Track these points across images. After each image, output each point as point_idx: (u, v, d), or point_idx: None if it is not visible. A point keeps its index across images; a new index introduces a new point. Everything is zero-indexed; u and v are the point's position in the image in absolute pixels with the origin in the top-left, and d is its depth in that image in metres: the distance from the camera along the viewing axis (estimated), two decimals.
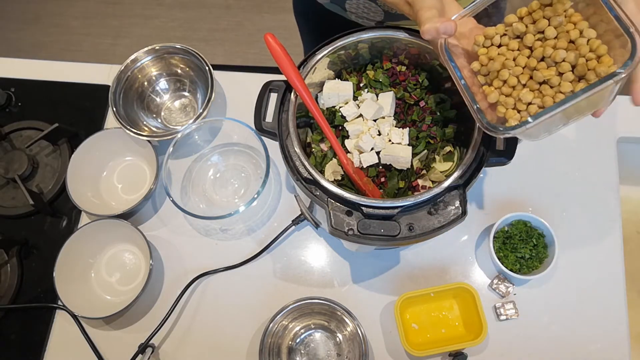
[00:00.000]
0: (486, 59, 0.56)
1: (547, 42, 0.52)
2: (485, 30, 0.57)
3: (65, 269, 0.82)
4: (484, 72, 0.56)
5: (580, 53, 0.50)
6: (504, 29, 0.56)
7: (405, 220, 0.61)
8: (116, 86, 0.92)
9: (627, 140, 0.90)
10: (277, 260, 0.86)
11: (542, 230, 0.80)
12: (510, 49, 0.55)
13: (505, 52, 0.55)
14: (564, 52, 0.50)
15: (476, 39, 0.57)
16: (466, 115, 0.68)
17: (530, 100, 0.52)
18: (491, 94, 0.54)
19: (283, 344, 0.80)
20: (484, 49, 0.56)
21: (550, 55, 0.51)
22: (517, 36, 0.55)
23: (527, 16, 0.54)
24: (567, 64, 0.50)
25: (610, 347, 0.78)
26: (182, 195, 0.88)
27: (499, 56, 0.55)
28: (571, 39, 0.51)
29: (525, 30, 0.54)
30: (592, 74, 0.50)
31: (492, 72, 0.55)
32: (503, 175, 0.87)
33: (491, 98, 0.55)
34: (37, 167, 0.95)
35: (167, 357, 0.82)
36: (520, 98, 0.53)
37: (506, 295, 0.80)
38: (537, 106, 0.52)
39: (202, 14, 2.23)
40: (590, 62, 0.50)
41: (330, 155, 0.72)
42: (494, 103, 0.55)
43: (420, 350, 0.75)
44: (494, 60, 0.55)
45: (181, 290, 0.82)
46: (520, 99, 0.53)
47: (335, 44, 0.70)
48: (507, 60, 0.54)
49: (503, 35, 0.56)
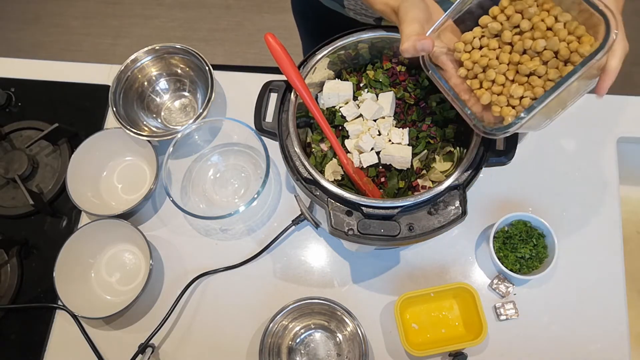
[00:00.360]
0: (470, 63, 0.56)
1: (525, 34, 0.53)
2: (463, 36, 0.57)
3: (65, 269, 0.82)
4: (471, 76, 0.57)
5: (559, 38, 0.50)
6: (480, 31, 0.56)
7: (405, 220, 0.61)
8: (116, 86, 0.92)
9: (627, 140, 0.90)
10: (277, 260, 0.86)
11: (542, 230, 0.80)
12: (492, 49, 0.55)
13: (487, 53, 0.55)
14: (543, 41, 0.51)
15: (456, 46, 0.57)
16: None
17: (522, 94, 0.53)
18: (483, 96, 0.55)
19: (283, 344, 0.80)
20: (466, 54, 0.57)
21: (531, 46, 0.52)
22: (495, 35, 0.55)
23: (500, 14, 0.54)
24: (549, 51, 0.51)
25: (610, 347, 0.78)
26: (182, 195, 0.88)
27: (482, 58, 0.55)
28: (548, 27, 0.51)
29: (502, 28, 0.54)
30: (575, 55, 0.50)
31: (479, 74, 0.56)
32: (503, 175, 0.87)
33: (484, 100, 0.55)
34: (37, 167, 0.95)
35: (167, 357, 0.82)
36: (511, 94, 0.53)
37: (506, 295, 0.80)
38: (530, 98, 0.52)
39: (202, 14, 2.23)
40: (572, 44, 0.50)
41: (330, 155, 0.72)
42: (489, 104, 0.55)
43: (420, 350, 0.75)
44: (477, 62, 0.55)
45: (181, 290, 0.82)
46: (512, 94, 0.53)
47: (335, 44, 0.70)
48: (491, 60, 0.54)
49: (481, 37, 0.56)
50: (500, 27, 0.54)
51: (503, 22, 0.54)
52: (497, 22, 0.54)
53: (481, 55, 0.55)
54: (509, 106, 0.54)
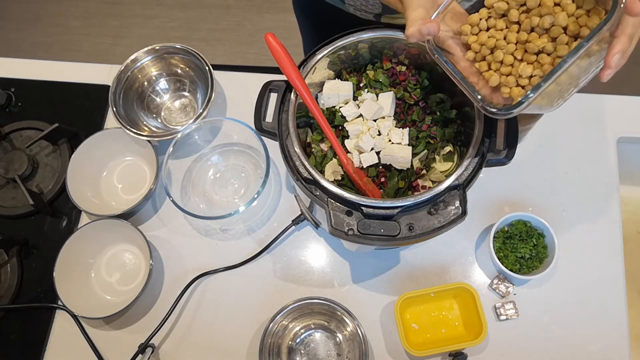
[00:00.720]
0: (478, 45, 0.55)
1: (532, 12, 0.51)
2: (469, 18, 0.56)
3: (65, 269, 0.82)
4: (479, 59, 0.56)
5: (567, 13, 0.49)
6: (487, 13, 0.55)
7: (405, 220, 0.61)
8: (116, 86, 0.92)
9: (627, 140, 0.90)
10: (277, 260, 0.86)
11: (542, 230, 0.80)
12: (499, 29, 0.54)
13: (494, 34, 0.54)
14: (551, 17, 0.49)
15: (462, 29, 0.56)
16: (466, 115, 0.68)
17: (531, 73, 0.51)
18: (492, 78, 0.54)
19: (283, 344, 0.80)
20: (473, 37, 0.55)
21: (538, 23, 0.50)
22: (502, 15, 0.54)
23: None
24: (557, 27, 0.49)
25: (610, 347, 0.78)
26: (182, 195, 0.88)
27: (489, 39, 0.54)
28: (556, 2, 0.50)
29: (508, 7, 0.53)
30: (585, 30, 0.48)
31: (487, 56, 0.55)
32: (503, 175, 0.87)
33: (492, 82, 0.54)
34: (37, 167, 0.95)
35: (167, 357, 0.82)
36: (520, 74, 0.52)
37: (506, 295, 0.80)
38: (539, 77, 0.51)
39: (202, 14, 2.23)
40: (581, 18, 0.49)
41: (330, 155, 0.72)
42: (497, 86, 0.54)
43: (420, 350, 0.75)
44: (485, 44, 0.54)
45: (181, 290, 0.82)
46: (521, 74, 0.51)
47: (335, 44, 0.70)
48: (499, 41, 0.53)
49: (488, 18, 0.55)
50: (506, 6, 0.53)
51: (509, 1, 0.53)
52: (503, 1, 0.53)
53: (488, 37, 0.54)
54: (518, 86, 0.52)
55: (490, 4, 0.55)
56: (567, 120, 0.90)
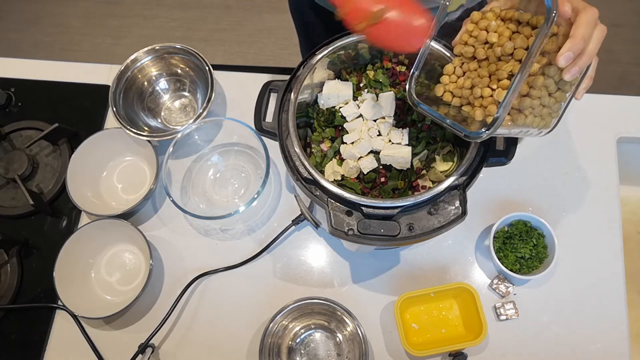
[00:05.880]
0: (459, 90, 0.59)
1: (494, 45, 0.55)
2: (445, 68, 0.60)
3: (65, 269, 0.82)
4: (465, 103, 0.59)
5: (525, 35, 0.53)
6: (459, 61, 0.60)
7: (405, 220, 0.61)
8: (116, 86, 0.92)
9: (627, 140, 0.90)
10: (277, 260, 0.86)
11: (542, 230, 0.80)
12: (473, 70, 0.58)
13: (469, 74, 0.58)
14: (510, 42, 0.54)
15: (442, 80, 0.61)
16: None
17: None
18: (476, 113, 0.56)
19: (283, 344, 0.80)
20: (452, 84, 0.60)
21: (501, 52, 0.54)
22: (473, 57, 0.58)
23: (469, 38, 0.58)
24: (520, 49, 0.53)
25: (610, 347, 0.78)
26: (182, 195, 0.88)
27: (465, 80, 0.58)
28: (514, 31, 0.55)
29: (474, 51, 0.57)
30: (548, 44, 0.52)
31: (469, 97, 0.58)
32: (503, 175, 0.87)
33: (477, 116, 0.57)
34: (37, 167, 0.95)
35: (167, 357, 0.82)
36: (497, 100, 0.55)
37: (506, 295, 0.80)
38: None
39: (202, 14, 2.23)
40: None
41: (330, 155, 0.72)
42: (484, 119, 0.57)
43: (420, 350, 0.75)
44: (464, 87, 0.58)
45: (181, 290, 0.82)
46: (497, 100, 0.55)
47: (334, 44, 0.70)
48: (474, 79, 0.57)
49: (462, 64, 0.60)
50: (472, 49, 0.58)
51: (474, 44, 0.58)
52: (469, 45, 0.58)
53: (465, 79, 0.59)
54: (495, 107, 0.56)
55: (459, 52, 0.59)
56: (567, 120, 0.90)
